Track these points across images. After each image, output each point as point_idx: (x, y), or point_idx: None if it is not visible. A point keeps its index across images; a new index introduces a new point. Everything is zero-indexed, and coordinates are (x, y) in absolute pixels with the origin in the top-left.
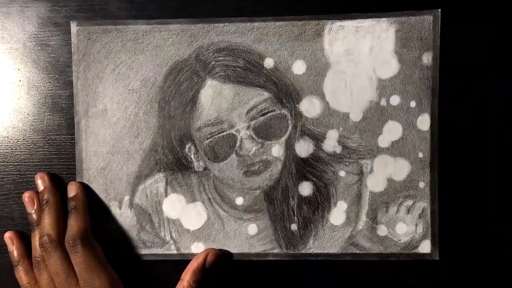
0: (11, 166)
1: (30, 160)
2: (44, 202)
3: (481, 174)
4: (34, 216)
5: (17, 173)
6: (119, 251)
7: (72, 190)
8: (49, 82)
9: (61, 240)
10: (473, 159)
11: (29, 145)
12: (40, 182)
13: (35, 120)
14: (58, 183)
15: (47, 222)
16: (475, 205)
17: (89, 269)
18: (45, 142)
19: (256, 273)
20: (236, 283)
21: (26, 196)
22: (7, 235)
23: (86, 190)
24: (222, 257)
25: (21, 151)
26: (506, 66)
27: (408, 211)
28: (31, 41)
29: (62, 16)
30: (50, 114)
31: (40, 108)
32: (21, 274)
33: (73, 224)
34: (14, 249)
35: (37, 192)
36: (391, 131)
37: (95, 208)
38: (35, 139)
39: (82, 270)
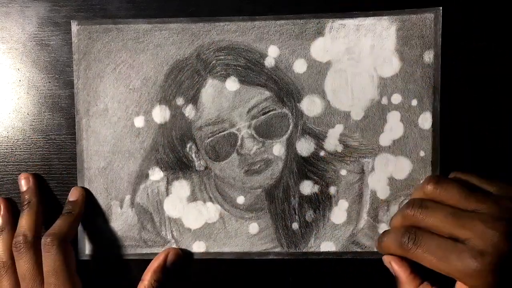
0: (11, 166)
1: (30, 160)
2: (26, 203)
3: (483, 172)
4: (0, 220)
5: (17, 172)
6: (121, 250)
7: (74, 195)
8: (49, 82)
9: (36, 243)
10: (475, 158)
11: (29, 145)
12: (24, 183)
13: (35, 120)
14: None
15: (25, 222)
16: None
17: (56, 273)
18: (45, 142)
19: (257, 272)
20: (238, 282)
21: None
22: None
23: (87, 195)
24: (183, 256)
25: (21, 151)
26: (508, 65)
27: None
28: (31, 41)
29: (62, 16)
30: (50, 114)
31: (40, 108)
32: None
33: (58, 225)
34: None
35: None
36: (392, 130)
37: (96, 207)
38: (35, 139)
39: (50, 272)
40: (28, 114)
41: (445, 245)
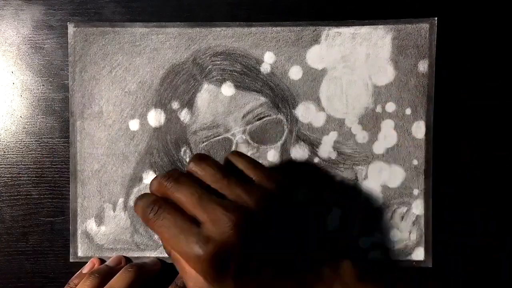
0: (3, 168)
1: (22, 163)
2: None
3: (476, 182)
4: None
5: (9, 175)
6: (113, 253)
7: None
8: (43, 85)
9: None
10: (468, 167)
11: (21, 148)
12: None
13: (28, 123)
14: (50, 189)
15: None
16: (469, 213)
17: None
18: (38, 145)
19: None
20: None
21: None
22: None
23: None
24: None
25: (13, 154)
26: (502, 75)
27: (402, 218)
28: (25, 44)
29: (57, 19)
30: (43, 117)
31: (33, 110)
32: None
33: None
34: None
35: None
36: (386, 138)
37: (88, 210)
38: (28, 142)
39: None
40: (21, 117)
41: (181, 224)
